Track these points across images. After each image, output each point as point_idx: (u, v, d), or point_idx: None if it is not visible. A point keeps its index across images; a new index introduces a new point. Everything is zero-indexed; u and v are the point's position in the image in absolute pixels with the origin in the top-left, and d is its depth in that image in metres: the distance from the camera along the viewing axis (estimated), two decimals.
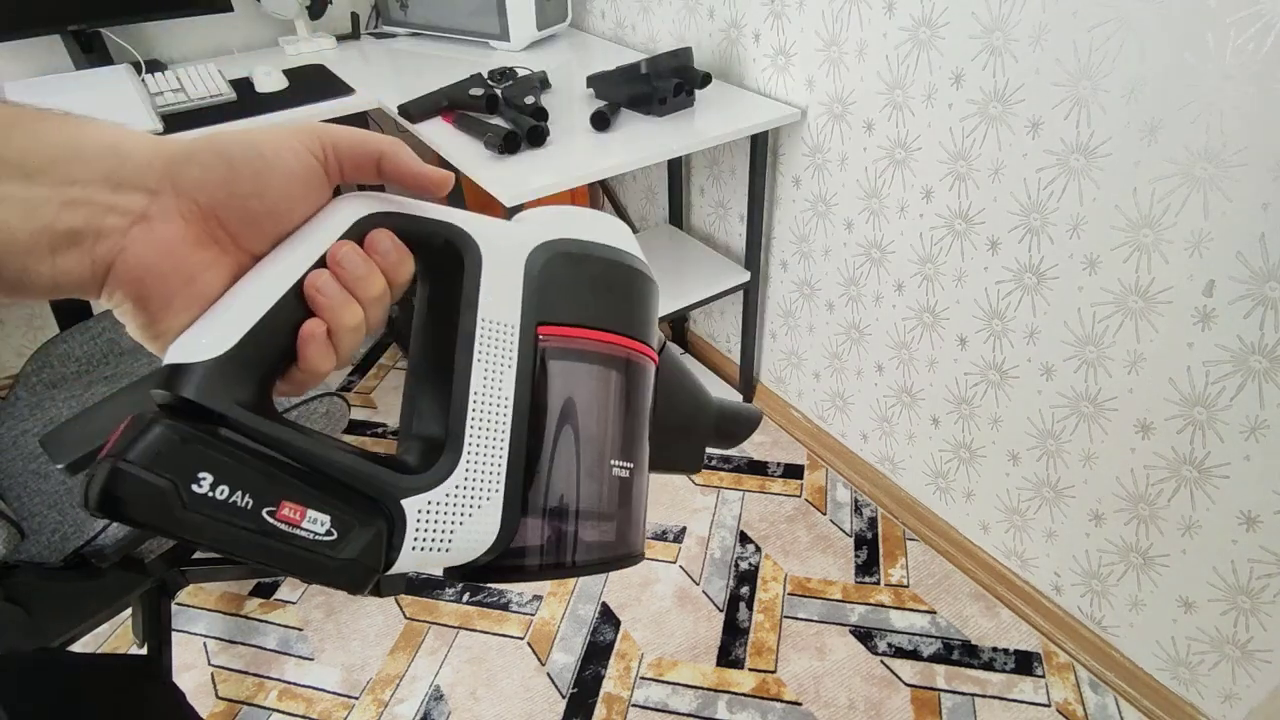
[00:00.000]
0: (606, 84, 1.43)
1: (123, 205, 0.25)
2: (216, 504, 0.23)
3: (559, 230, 0.32)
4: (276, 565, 0.24)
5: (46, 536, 0.97)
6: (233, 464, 0.24)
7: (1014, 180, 1.11)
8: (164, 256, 0.25)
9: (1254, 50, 0.82)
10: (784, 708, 1.27)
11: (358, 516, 0.26)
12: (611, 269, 0.32)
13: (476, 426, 0.29)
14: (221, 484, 0.23)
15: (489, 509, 0.29)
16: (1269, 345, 0.92)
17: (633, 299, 0.33)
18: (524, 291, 0.30)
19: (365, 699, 1.30)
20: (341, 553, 0.25)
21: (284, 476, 0.25)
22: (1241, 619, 1.07)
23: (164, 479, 0.22)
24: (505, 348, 0.30)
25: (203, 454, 0.23)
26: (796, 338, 1.69)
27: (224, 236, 0.27)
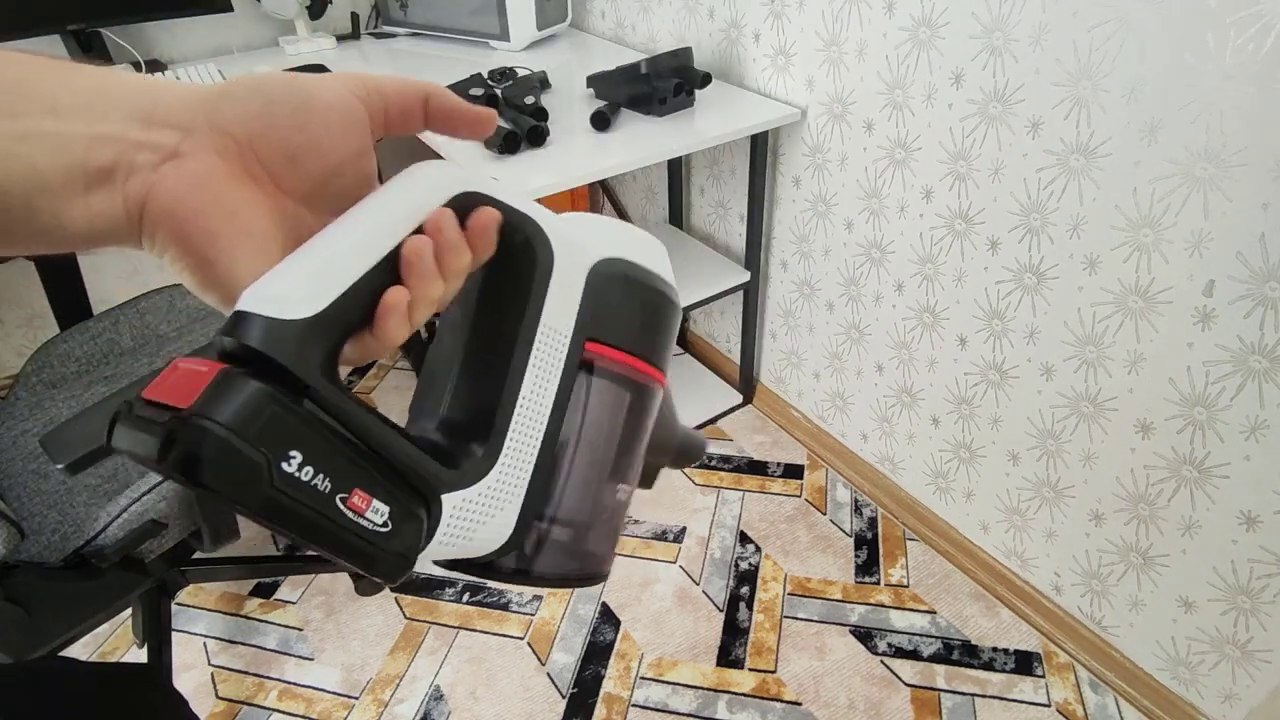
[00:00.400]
0: (606, 84, 1.43)
1: (154, 141, 0.24)
2: (300, 485, 0.22)
3: (618, 248, 0.32)
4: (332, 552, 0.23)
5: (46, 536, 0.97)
6: (321, 443, 0.22)
7: (1014, 180, 1.11)
8: (198, 190, 0.24)
9: (1254, 50, 0.82)
10: (784, 708, 1.27)
11: (411, 509, 0.25)
12: (657, 299, 0.33)
13: (517, 430, 0.29)
14: (308, 465, 0.22)
15: (508, 512, 0.29)
16: (1269, 345, 0.92)
17: (668, 331, 0.34)
18: (581, 304, 0.30)
19: (365, 699, 1.30)
20: (391, 545, 0.24)
21: (360, 461, 0.24)
22: (1241, 619, 1.07)
23: (259, 452, 0.21)
24: (555, 356, 0.30)
25: (297, 429, 0.22)
26: (796, 338, 1.69)
27: (261, 174, 0.26)
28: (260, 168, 0.26)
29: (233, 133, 0.25)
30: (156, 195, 0.24)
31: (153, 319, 1.31)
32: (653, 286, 0.32)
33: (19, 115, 0.23)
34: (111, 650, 1.40)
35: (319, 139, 0.26)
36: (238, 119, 0.25)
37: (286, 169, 0.26)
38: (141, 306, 1.32)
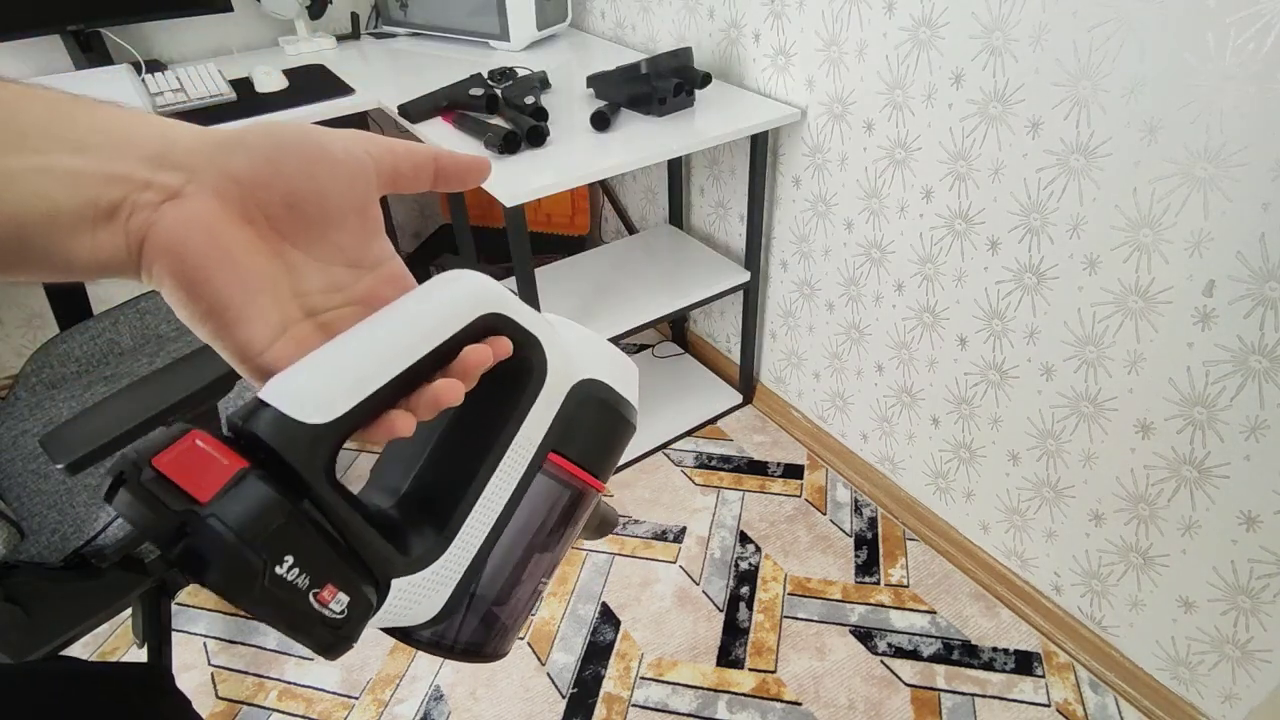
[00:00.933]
0: (606, 84, 1.43)
1: (160, 182, 0.25)
2: (286, 584, 0.23)
3: (597, 369, 0.34)
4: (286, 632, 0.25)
5: (46, 536, 0.97)
6: (311, 547, 0.24)
7: (1014, 180, 1.11)
8: (195, 230, 0.25)
9: (1254, 50, 0.82)
10: (784, 708, 1.27)
11: (366, 597, 0.26)
12: (619, 425, 0.35)
13: (471, 523, 0.30)
14: (296, 567, 0.23)
15: (441, 593, 0.30)
16: (1269, 345, 0.92)
17: (620, 449, 0.36)
18: (555, 418, 0.32)
19: (365, 699, 1.30)
20: (341, 630, 0.26)
21: (335, 558, 0.25)
22: (1241, 619, 1.07)
23: (261, 558, 0.22)
24: (520, 461, 0.32)
25: (295, 535, 0.23)
26: (796, 338, 1.69)
27: (260, 218, 0.26)
28: (259, 212, 0.26)
29: (238, 177, 0.26)
30: (155, 233, 0.25)
31: (153, 319, 1.31)
32: (618, 412, 0.35)
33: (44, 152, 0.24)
34: (111, 650, 1.40)
35: (325, 189, 0.27)
36: (246, 164, 0.26)
37: (286, 216, 0.27)
38: (141, 306, 1.32)
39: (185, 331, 1.32)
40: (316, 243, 0.28)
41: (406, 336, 0.27)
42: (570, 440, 0.33)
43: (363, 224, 0.29)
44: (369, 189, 0.28)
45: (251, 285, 0.26)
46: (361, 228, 0.29)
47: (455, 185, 0.31)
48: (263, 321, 0.26)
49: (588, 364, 0.34)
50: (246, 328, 0.26)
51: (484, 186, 1.19)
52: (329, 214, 0.27)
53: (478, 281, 0.29)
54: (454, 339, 0.27)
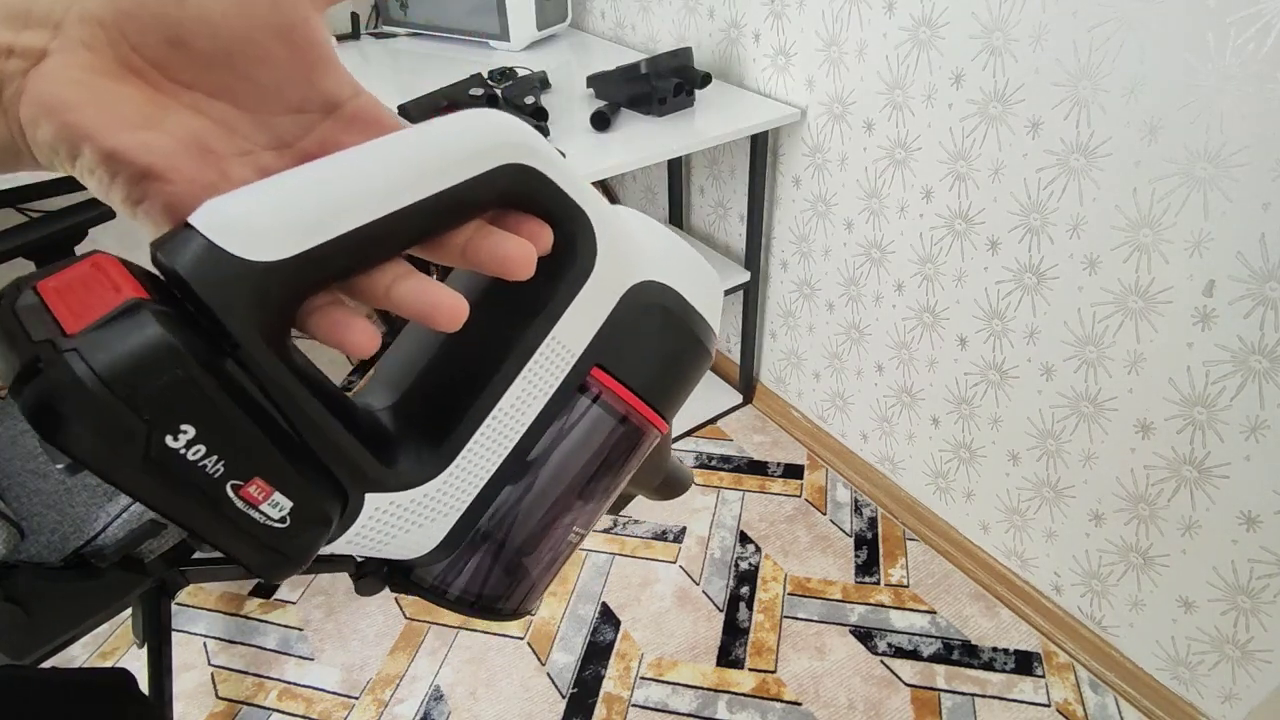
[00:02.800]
0: (606, 84, 1.43)
1: (22, 45, 0.20)
2: (183, 463, 0.18)
3: (668, 272, 0.28)
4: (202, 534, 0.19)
5: (46, 536, 0.97)
6: (225, 420, 0.18)
7: (1014, 180, 1.11)
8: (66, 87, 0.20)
9: (1254, 50, 0.82)
10: (784, 708, 1.27)
11: (319, 504, 0.21)
12: (690, 345, 0.29)
13: (480, 442, 0.25)
14: (201, 443, 0.18)
15: (440, 524, 0.25)
16: (1269, 345, 0.92)
17: (689, 381, 0.30)
18: (604, 325, 0.26)
19: (365, 699, 1.30)
20: (281, 544, 0.20)
21: (269, 445, 0.19)
22: (1241, 619, 1.07)
23: (139, 418, 0.17)
24: (553, 373, 0.25)
25: (201, 400, 0.17)
26: (796, 338, 1.69)
27: (142, 64, 0.21)
28: (139, 58, 0.21)
29: (100, 17, 0.20)
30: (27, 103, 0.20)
31: None
32: (690, 329, 0.28)
33: None
34: (111, 650, 1.40)
35: (207, 11, 0.21)
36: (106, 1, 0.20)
37: (174, 56, 0.21)
38: None
39: None
40: (234, 87, 0.22)
41: (397, 171, 0.20)
42: (621, 356, 0.26)
43: (292, 51, 0.22)
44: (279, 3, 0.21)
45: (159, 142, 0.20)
46: (291, 57, 0.22)
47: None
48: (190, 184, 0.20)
49: (656, 263, 0.27)
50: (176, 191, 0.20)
51: None
52: (230, 44, 0.21)
53: (505, 121, 0.22)
54: (462, 188, 0.21)
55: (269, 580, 0.22)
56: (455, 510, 0.25)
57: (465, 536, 0.26)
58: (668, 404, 0.29)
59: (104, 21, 0.20)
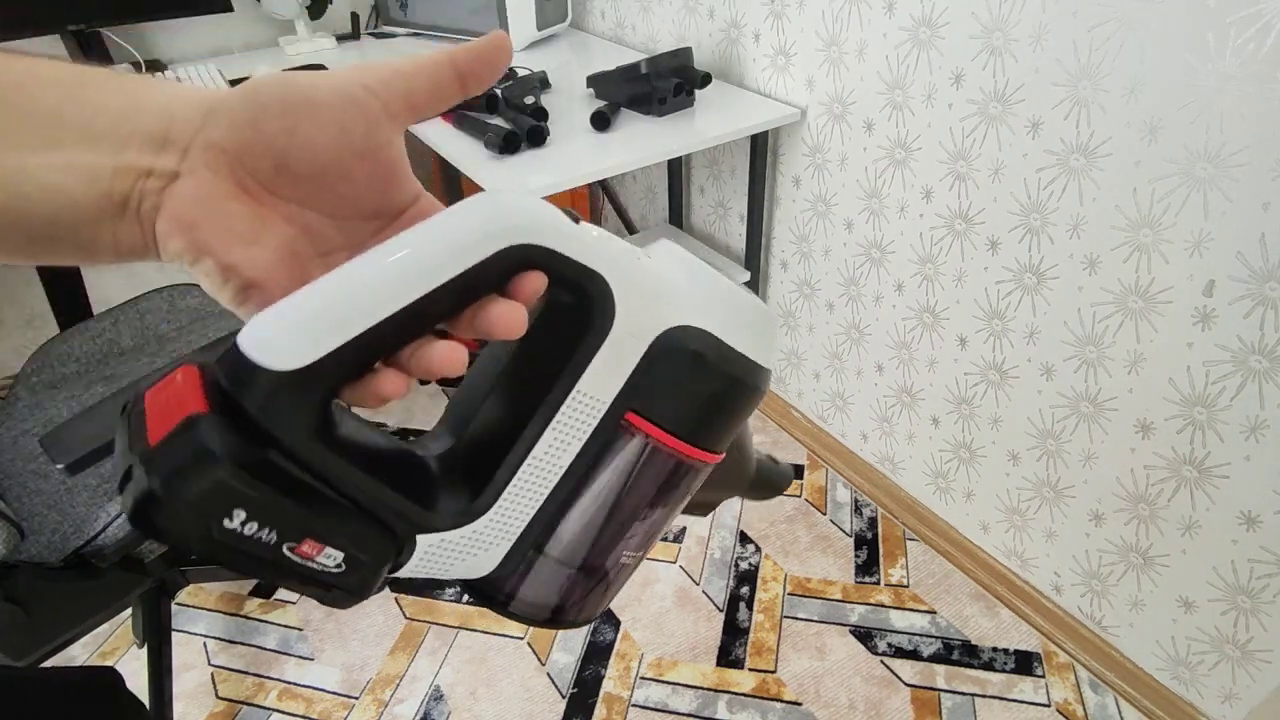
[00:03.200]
0: (606, 84, 1.43)
1: (160, 167, 0.24)
2: (242, 538, 0.22)
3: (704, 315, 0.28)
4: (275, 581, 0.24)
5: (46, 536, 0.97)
6: (269, 503, 0.22)
7: (1014, 180, 1.11)
8: (194, 207, 0.24)
9: (1254, 50, 0.82)
10: (784, 708, 1.27)
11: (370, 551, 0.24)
12: (730, 386, 0.29)
13: (518, 488, 0.27)
14: (252, 521, 0.22)
15: (495, 551, 0.28)
16: (1269, 345, 0.92)
17: (735, 416, 0.30)
18: (634, 373, 0.27)
19: (365, 699, 1.30)
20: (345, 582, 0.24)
21: (314, 514, 0.23)
22: (1241, 619, 1.07)
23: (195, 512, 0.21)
24: (585, 421, 0.27)
25: (243, 493, 0.21)
26: (796, 338, 1.69)
27: (254, 184, 0.25)
28: (251, 179, 0.25)
29: (223, 146, 0.24)
30: (162, 217, 0.24)
31: (153, 319, 1.31)
32: (728, 372, 0.29)
33: (61, 146, 0.23)
34: (111, 650, 1.40)
35: (312, 141, 0.24)
36: (229, 130, 0.24)
37: (278, 177, 0.25)
38: (141, 306, 1.32)
39: (186, 331, 1.32)
40: (323, 199, 0.26)
41: (403, 272, 0.23)
42: (654, 400, 0.28)
43: (373, 169, 0.26)
44: (374, 128, 0.25)
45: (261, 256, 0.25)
46: (372, 174, 0.26)
47: (484, 77, 0.27)
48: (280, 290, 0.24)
49: (688, 307, 0.28)
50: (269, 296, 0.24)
51: (484, 187, 1.20)
52: (323, 166, 0.25)
53: (506, 203, 0.24)
54: (466, 276, 0.23)
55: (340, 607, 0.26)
56: (506, 540, 0.28)
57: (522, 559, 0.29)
58: (711, 438, 0.30)
59: (226, 149, 0.24)
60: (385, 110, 0.25)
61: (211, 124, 0.24)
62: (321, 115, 0.24)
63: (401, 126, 0.26)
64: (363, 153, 0.25)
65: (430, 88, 0.26)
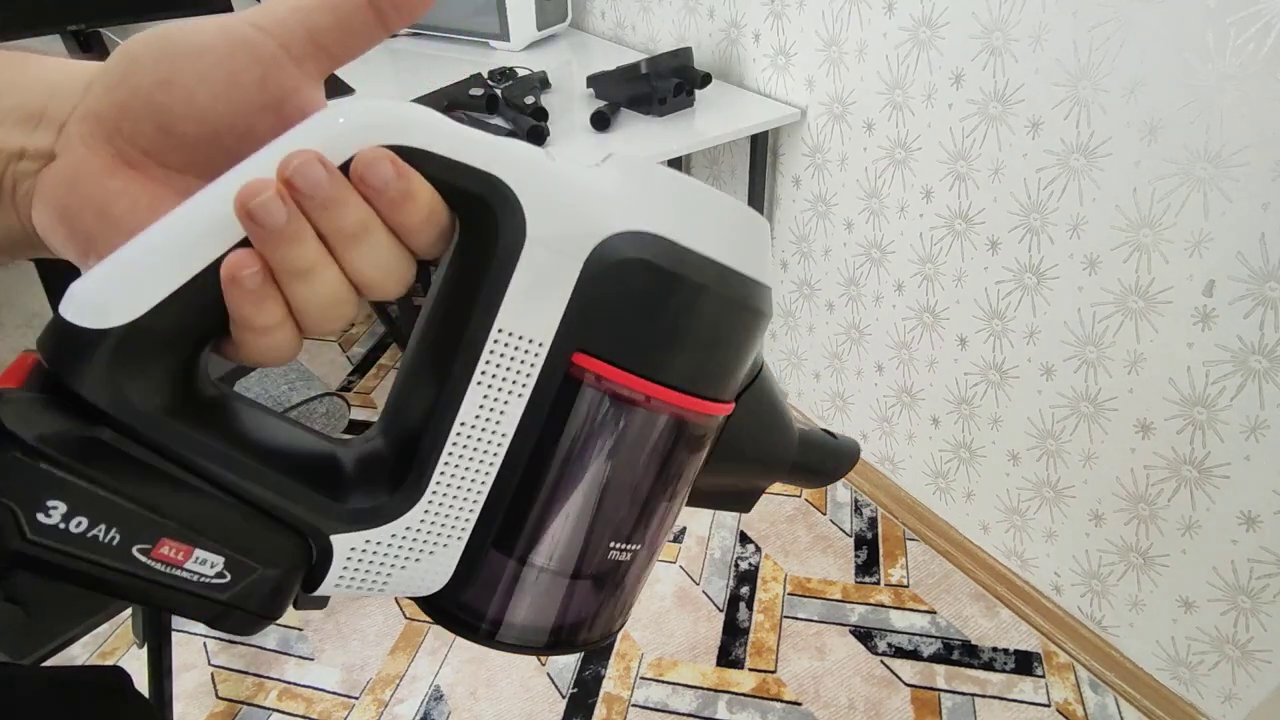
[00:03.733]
0: (606, 84, 1.43)
1: (34, 146, 0.21)
2: (70, 537, 0.18)
3: (652, 216, 0.22)
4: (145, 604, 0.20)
5: None
6: (96, 492, 0.18)
7: (1014, 180, 1.11)
8: (68, 191, 0.20)
9: (1254, 50, 0.82)
10: (784, 708, 1.27)
11: (261, 558, 0.20)
12: (715, 306, 0.23)
13: (453, 464, 0.22)
14: (78, 515, 0.18)
15: (445, 555, 0.23)
16: (1269, 345, 0.92)
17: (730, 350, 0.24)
18: (571, 300, 0.21)
19: (365, 699, 1.30)
20: (232, 598, 0.20)
21: (167, 508, 0.19)
22: (1241, 619, 1.07)
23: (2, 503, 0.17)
24: (521, 372, 0.22)
25: (56, 478, 0.17)
26: (796, 338, 1.69)
27: (136, 154, 0.21)
28: (132, 147, 0.21)
29: (98, 114, 0.20)
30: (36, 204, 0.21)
31: None
32: (699, 282, 0.22)
33: None
34: (111, 650, 1.40)
35: (194, 95, 0.20)
36: (102, 94, 0.20)
37: (163, 141, 0.21)
38: None
39: None
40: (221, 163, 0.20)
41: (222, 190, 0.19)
42: (602, 333, 0.22)
43: (282, 123, 0.20)
44: (271, 73, 0.21)
45: None
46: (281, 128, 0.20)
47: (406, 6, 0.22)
48: None
49: (634, 211, 0.22)
50: None
51: None
52: (218, 124, 0.21)
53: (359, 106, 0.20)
54: None
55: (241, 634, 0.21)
56: (457, 538, 0.23)
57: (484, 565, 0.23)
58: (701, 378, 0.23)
59: (101, 116, 0.20)
60: (286, 52, 0.21)
61: (87, 93, 0.21)
62: (204, 62, 0.20)
63: (313, 72, 0.22)
64: (263, 105, 0.21)
65: (337, 21, 0.21)
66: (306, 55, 0.21)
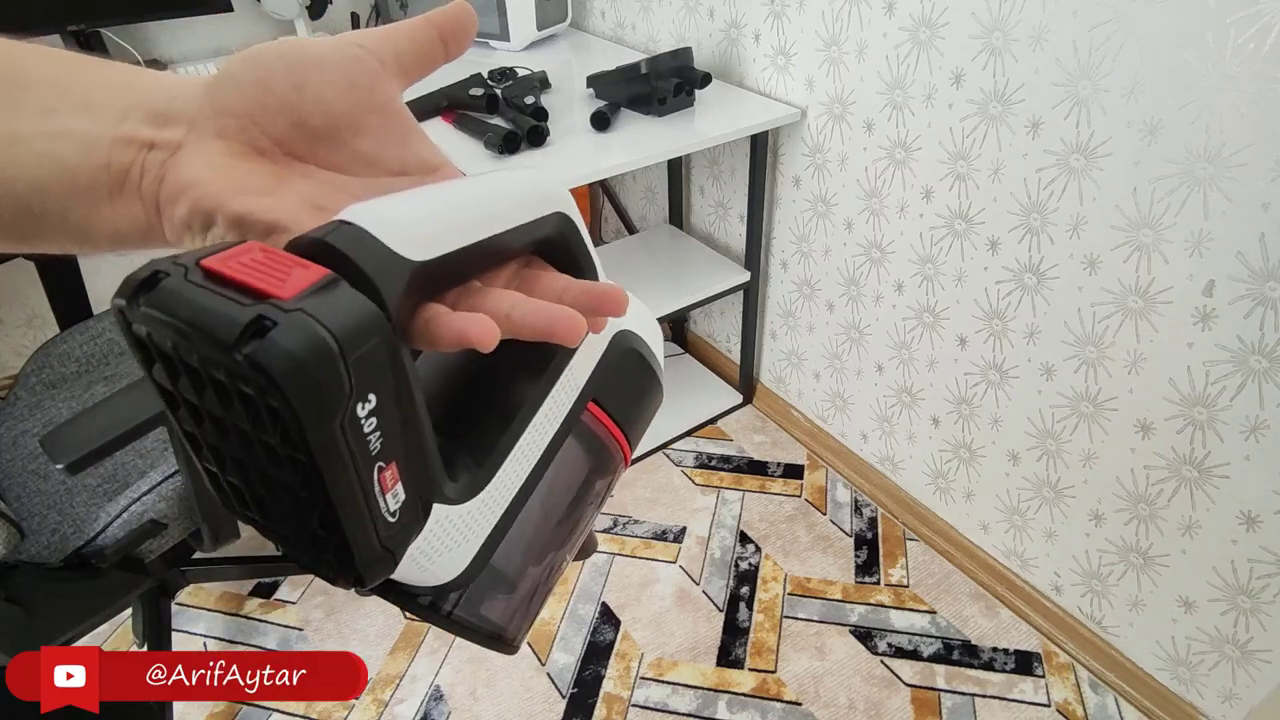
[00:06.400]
0: (606, 84, 1.43)
1: (163, 139, 0.24)
2: (360, 435, 0.18)
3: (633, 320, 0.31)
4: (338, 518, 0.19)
5: (46, 536, 0.97)
6: (395, 396, 0.19)
7: (1014, 180, 1.11)
8: (200, 170, 0.24)
9: (1254, 50, 0.82)
10: (784, 708, 1.27)
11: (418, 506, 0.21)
12: (653, 389, 0.32)
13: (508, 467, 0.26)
14: (375, 415, 0.19)
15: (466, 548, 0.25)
16: (1269, 345, 0.92)
17: (648, 419, 0.33)
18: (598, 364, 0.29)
19: (365, 699, 1.30)
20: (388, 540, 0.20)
21: (407, 432, 0.20)
22: (1241, 619, 1.07)
23: (350, 379, 0.17)
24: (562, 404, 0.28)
25: (384, 371, 0.19)
26: (796, 338, 1.69)
27: (269, 145, 0.25)
28: (266, 139, 0.25)
29: (233, 111, 0.24)
30: (166, 188, 0.24)
31: None
32: (653, 372, 0.32)
33: (57, 114, 0.23)
34: (112, 650, 1.40)
35: (322, 95, 0.25)
36: (236, 95, 0.24)
37: (296, 135, 0.25)
38: None
39: None
40: (343, 156, 0.25)
41: (497, 204, 0.24)
42: (609, 392, 0.29)
43: (386, 123, 0.26)
44: (378, 82, 0.26)
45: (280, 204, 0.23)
46: (386, 127, 0.26)
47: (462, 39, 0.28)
48: None
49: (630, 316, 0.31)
50: None
51: None
52: (339, 120, 0.25)
53: (550, 177, 0.27)
54: (532, 225, 0.25)
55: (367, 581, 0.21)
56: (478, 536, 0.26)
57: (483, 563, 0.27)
58: (636, 437, 0.32)
59: (238, 112, 0.24)
60: (383, 67, 0.26)
61: (217, 94, 0.24)
62: (328, 70, 0.25)
63: (399, 86, 0.27)
64: (372, 107, 0.26)
65: (416, 48, 0.27)
66: (395, 71, 0.27)
